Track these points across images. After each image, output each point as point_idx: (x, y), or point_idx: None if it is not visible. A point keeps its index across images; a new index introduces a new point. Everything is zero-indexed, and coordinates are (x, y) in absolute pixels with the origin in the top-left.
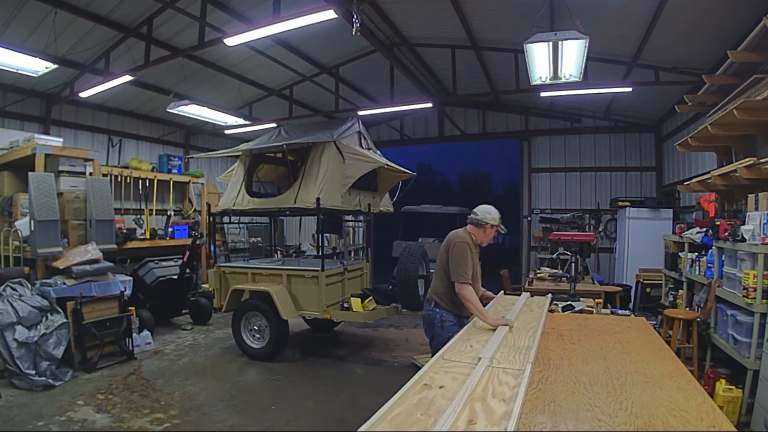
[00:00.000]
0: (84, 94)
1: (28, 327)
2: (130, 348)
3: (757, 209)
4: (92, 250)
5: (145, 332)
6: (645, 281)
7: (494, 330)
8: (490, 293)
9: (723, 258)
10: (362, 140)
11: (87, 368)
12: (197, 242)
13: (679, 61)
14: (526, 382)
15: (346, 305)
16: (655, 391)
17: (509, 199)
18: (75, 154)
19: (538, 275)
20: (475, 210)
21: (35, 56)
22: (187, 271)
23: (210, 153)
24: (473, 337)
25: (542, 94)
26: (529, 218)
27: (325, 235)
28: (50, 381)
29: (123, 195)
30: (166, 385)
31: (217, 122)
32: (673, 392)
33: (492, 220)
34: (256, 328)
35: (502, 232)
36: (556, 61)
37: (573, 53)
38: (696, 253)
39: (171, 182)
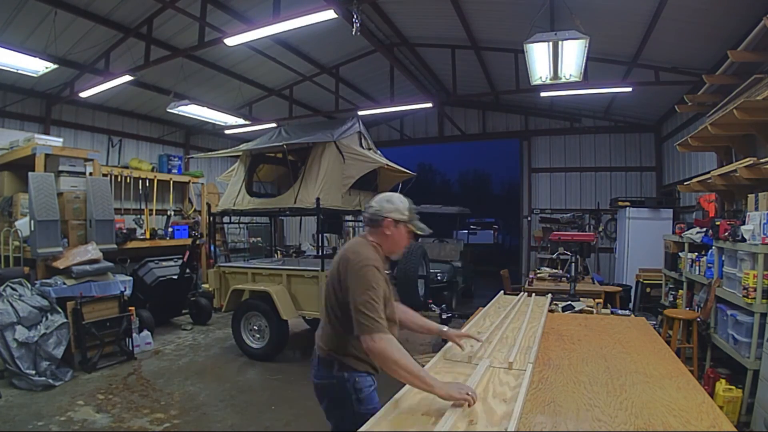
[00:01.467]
0: (84, 94)
1: (28, 327)
2: (130, 348)
3: (757, 209)
4: (92, 250)
5: (145, 332)
6: (645, 281)
7: (498, 331)
8: (422, 320)
9: (723, 258)
10: (362, 140)
11: (87, 368)
12: (197, 242)
13: (679, 61)
14: (527, 383)
15: None
16: (655, 391)
17: (509, 199)
18: (75, 154)
19: (538, 275)
20: (370, 202)
21: (35, 56)
22: (187, 271)
23: (210, 153)
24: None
25: (542, 94)
26: (529, 218)
27: (325, 235)
28: (50, 381)
29: (123, 195)
30: (166, 385)
31: (217, 122)
32: (673, 392)
33: (395, 213)
34: (256, 328)
35: (420, 233)
36: (556, 61)
37: (573, 53)
38: (696, 253)
39: (171, 182)
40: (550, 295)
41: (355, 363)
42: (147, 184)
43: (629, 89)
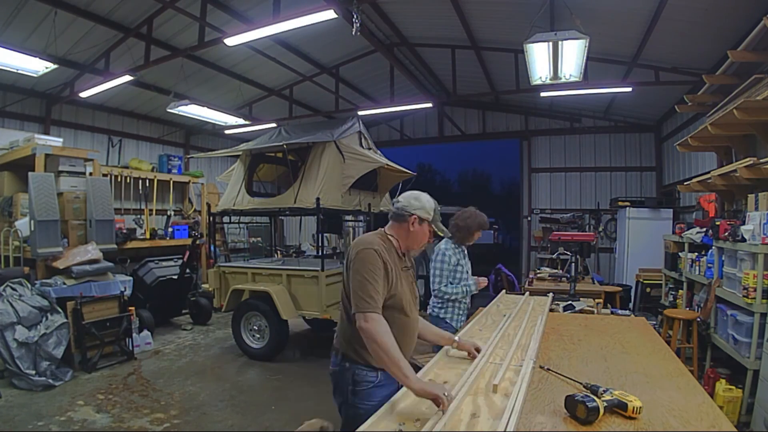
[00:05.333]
0: (84, 94)
1: (28, 327)
2: (130, 348)
3: (757, 209)
4: (92, 250)
5: (145, 332)
6: (645, 281)
7: (497, 328)
8: (437, 330)
9: (723, 258)
10: (362, 140)
11: (87, 368)
12: (197, 242)
13: (679, 61)
14: (528, 378)
15: None
16: (655, 391)
17: (509, 199)
18: (75, 154)
19: (538, 275)
20: (398, 198)
21: (35, 56)
22: (187, 271)
23: (210, 153)
24: (476, 335)
25: (542, 94)
26: (529, 218)
27: (325, 235)
28: (50, 381)
29: (123, 195)
30: (166, 385)
31: (217, 122)
32: (673, 392)
33: (420, 210)
34: (256, 328)
35: (440, 234)
36: (556, 61)
37: (573, 53)
38: (696, 253)
39: (171, 182)
40: (551, 295)
41: (357, 355)
42: (147, 184)
43: (629, 89)
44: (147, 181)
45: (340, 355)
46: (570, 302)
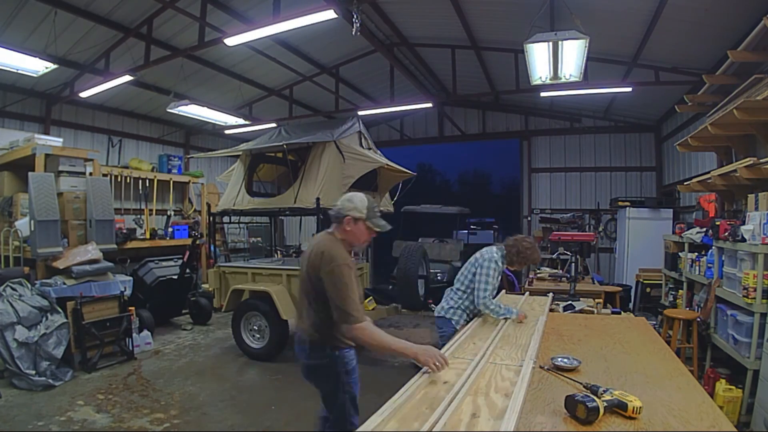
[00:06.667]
0: (84, 94)
1: (28, 327)
2: (130, 348)
3: (757, 209)
4: (92, 250)
5: (145, 332)
6: (645, 281)
7: (497, 328)
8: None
9: (723, 258)
10: (362, 140)
11: (87, 368)
12: (197, 242)
13: (679, 61)
14: (528, 379)
15: None
16: (655, 391)
17: (509, 199)
18: (75, 154)
19: (538, 275)
20: (336, 202)
21: (35, 56)
22: (187, 271)
23: (210, 153)
24: (477, 335)
25: (542, 94)
26: (529, 218)
27: None
28: (50, 381)
29: (123, 195)
30: (166, 385)
31: (217, 122)
32: (673, 392)
33: (353, 211)
34: (256, 328)
35: (377, 230)
36: (556, 61)
37: (573, 53)
38: (696, 253)
39: (171, 182)
40: (551, 294)
41: (342, 341)
42: (147, 184)
43: (629, 89)
44: (147, 181)
45: (328, 347)
46: (570, 302)
